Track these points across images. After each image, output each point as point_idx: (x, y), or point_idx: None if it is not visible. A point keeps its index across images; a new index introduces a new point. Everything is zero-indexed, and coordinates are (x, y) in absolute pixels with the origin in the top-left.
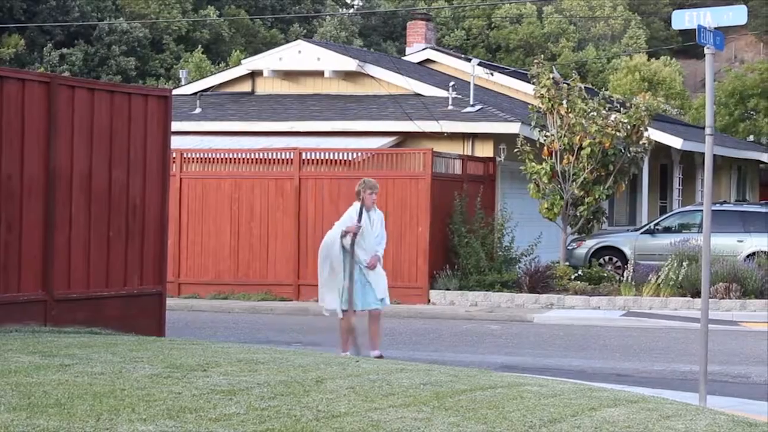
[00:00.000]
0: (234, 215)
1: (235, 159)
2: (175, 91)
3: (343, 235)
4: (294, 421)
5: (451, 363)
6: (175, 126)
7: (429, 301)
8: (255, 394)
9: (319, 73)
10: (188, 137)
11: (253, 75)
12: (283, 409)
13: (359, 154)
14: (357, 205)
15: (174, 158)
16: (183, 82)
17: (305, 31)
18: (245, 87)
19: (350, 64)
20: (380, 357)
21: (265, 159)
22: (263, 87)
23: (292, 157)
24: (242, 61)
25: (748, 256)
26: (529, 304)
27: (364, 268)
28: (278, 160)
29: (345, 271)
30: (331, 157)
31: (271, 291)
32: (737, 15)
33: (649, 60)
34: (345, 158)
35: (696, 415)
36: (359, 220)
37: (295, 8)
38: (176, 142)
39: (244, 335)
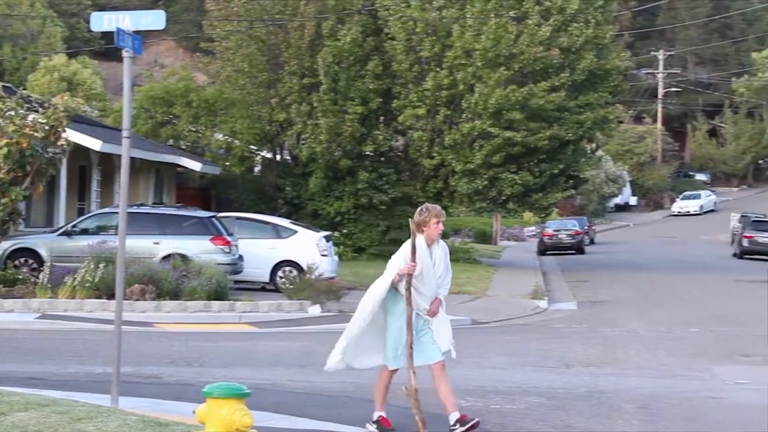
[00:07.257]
0: None
1: None
2: None
3: (398, 280)
4: None
5: None
6: None
7: None
8: None
9: None
10: None
11: None
12: None
13: None
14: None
15: None
16: None
17: None
18: None
19: None
20: (464, 420)
21: None
22: None
23: None
24: None
25: (164, 258)
26: None
27: (424, 315)
28: None
29: (395, 320)
30: None
31: None
32: (156, 20)
33: (69, 60)
34: None
35: (108, 417)
36: (413, 258)
37: None
38: None
39: None
